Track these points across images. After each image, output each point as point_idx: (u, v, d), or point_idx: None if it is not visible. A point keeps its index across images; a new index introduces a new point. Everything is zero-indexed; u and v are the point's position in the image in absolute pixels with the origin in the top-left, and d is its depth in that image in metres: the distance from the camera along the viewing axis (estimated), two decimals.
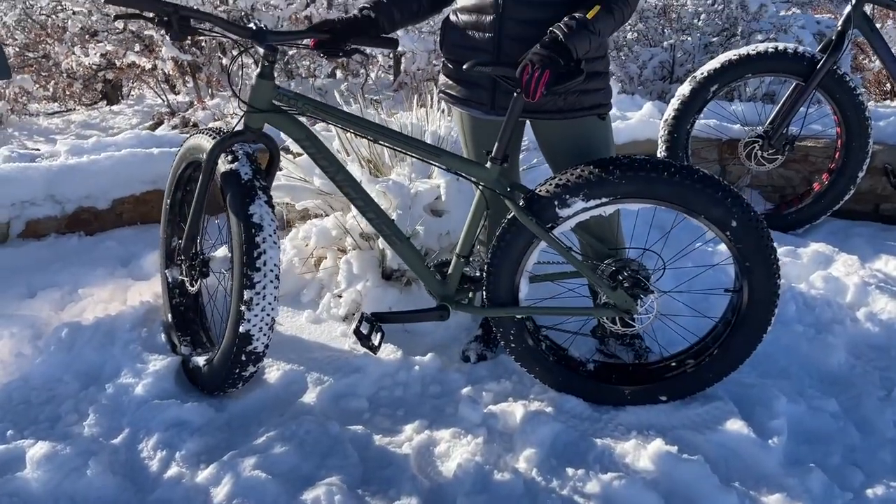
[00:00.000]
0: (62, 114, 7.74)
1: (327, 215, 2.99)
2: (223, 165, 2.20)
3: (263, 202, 2.15)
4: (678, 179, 2.02)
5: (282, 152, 3.05)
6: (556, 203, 2.09)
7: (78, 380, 2.42)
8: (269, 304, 2.15)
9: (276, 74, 2.14)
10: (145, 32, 5.90)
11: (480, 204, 2.19)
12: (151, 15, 1.97)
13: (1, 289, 2.85)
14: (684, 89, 3.43)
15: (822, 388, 2.41)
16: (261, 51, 2.07)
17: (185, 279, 2.41)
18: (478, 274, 2.36)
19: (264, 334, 2.18)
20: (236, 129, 2.18)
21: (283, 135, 2.25)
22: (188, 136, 2.51)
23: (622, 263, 2.22)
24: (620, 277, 2.17)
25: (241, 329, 2.13)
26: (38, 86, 7.02)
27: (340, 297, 2.73)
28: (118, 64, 6.07)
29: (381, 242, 2.73)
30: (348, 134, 3.13)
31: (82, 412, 2.27)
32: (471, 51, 2.18)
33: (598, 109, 2.24)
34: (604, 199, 2.07)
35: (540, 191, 2.12)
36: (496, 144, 2.10)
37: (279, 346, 2.61)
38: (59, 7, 6.65)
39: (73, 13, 6.37)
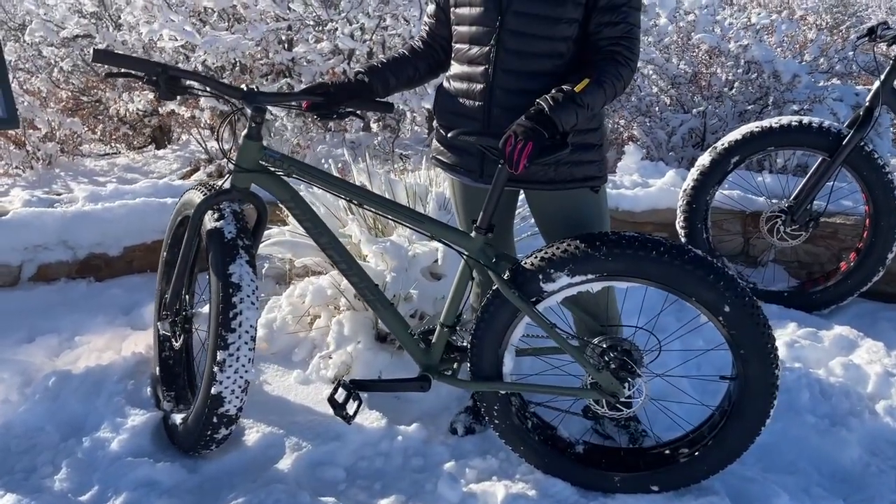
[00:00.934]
0: (110, 156, 8.01)
1: (326, 273, 2.96)
2: (209, 223, 2.19)
3: (244, 262, 2.13)
4: (667, 259, 1.92)
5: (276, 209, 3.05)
6: (540, 277, 2.01)
7: (59, 430, 2.40)
8: (243, 366, 2.10)
9: (263, 135, 2.14)
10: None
11: (465, 273, 2.13)
12: (141, 74, 1.99)
13: (3, 332, 2.88)
14: (704, 159, 3.33)
15: (830, 487, 2.23)
16: (249, 111, 2.08)
17: (169, 334, 2.39)
18: (465, 343, 2.28)
19: (237, 397, 2.13)
20: (223, 187, 2.18)
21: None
22: (185, 190, 2.53)
23: (613, 342, 2.12)
24: (607, 358, 2.07)
25: (213, 391, 2.09)
26: (87, 129, 7.27)
27: (330, 358, 2.67)
28: (160, 111, 6.26)
29: None
30: None
31: (57, 465, 2.25)
32: (461, 118, 2.14)
33: (591, 182, 2.17)
34: (589, 276, 1.99)
35: (525, 263, 2.05)
36: (481, 214, 2.04)
37: (264, 405, 2.56)
38: None
39: None
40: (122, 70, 1.99)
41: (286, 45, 5.88)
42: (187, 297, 2.39)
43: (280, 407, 2.57)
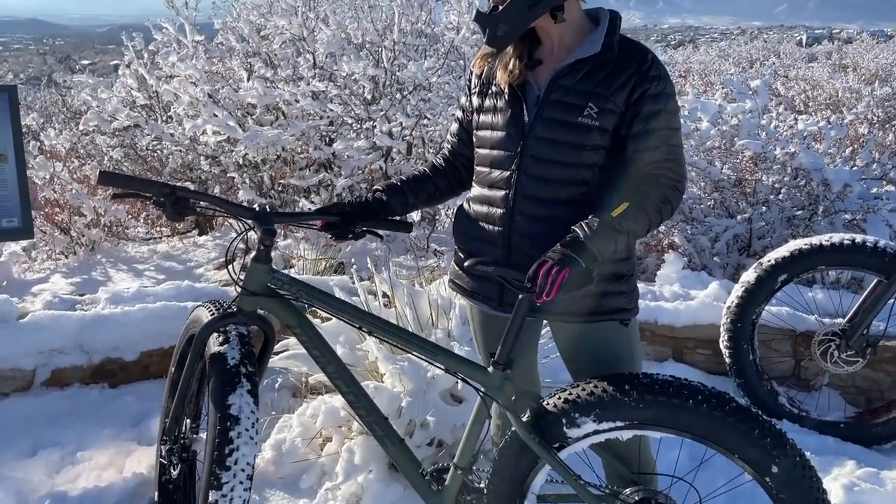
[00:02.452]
0: (153, 241, 8.12)
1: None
2: (213, 346, 2.07)
3: (246, 391, 1.98)
4: (706, 410, 1.72)
5: (308, 314, 2.94)
6: (564, 421, 1.82)
7: None
8: None
9: (272, 257, 2.04)
10: (229, 174, 6.17)
11: (481, 411, 1.95)
12: (149, 195, 1.92)
13: (6, 443, 2.77)
14: (749, 276, 3.13)
15: None
16: (257, 233, 1.98)
17: (166, 461, 2.24)
18: (482, 485, 2.07)
19: None
20: (229, 309, 2.07)
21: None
22: (195, 306, 2.43)
23: (647, 495, 1.89)
24: None
25: None
26: (130, 216, 7.40)
27: (339, 489, 2.48)
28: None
29: None
30: (376, 304, 3.00)
31: None
32: (481, 243, 2.01)
33: (621, 315, 1.99)
34: (618, 423, 1.79)
35: (548, 404, 1.86)
36: (499, 347, 1.88)
37: None
38: (159, 145, 7.10)
39: (172, 150, 6.77)
40: (130, 191, 1.92)
41: (327, 141, 5.93)
42: (188, 421, 2.25)
43: None
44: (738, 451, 1.72)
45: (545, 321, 2.19)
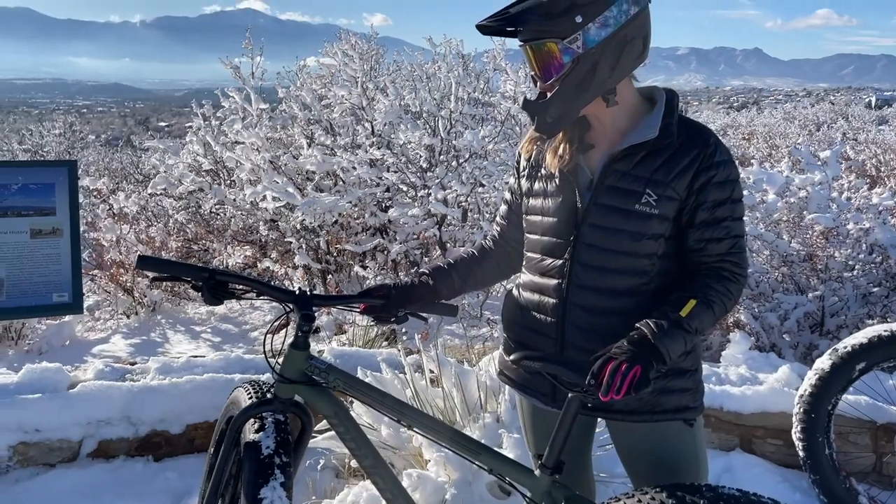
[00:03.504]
0: None
1: None
2: (249, 433, 1.99)
3: (279, 484, 1.89)
4: None
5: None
6: None
7: None
8: None
9: (310, 343, 1.97)
10: (286, 239, 6.23)
11: None
12: (188, 279, 1.89)
13: None
14: (823, 363, 2.91)
15: None
16: (296, 317, 1.92)
17: None
18: None
19: None
20: (266, 394, 2.00)
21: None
22: (237, 384, 2.37)
23: None
24: None
25: None
26: None
27: None
28: (258, 266, 6.40)
29: None
30: (422, 383, 2.90)
31: None
32: (532, 333, 1.90)
33: (685, 414, 1.84)
34: None
35: None
36: (547, 449, 1.74)
37: None
38: (222, 208, 7.26)
39: (234, 214, 6.91)
40: (169, 275, 1.89)
41: (383, 207, 5.96)
42: None
43: None
44: None
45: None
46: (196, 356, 3.65)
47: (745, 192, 4.63)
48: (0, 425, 2.96)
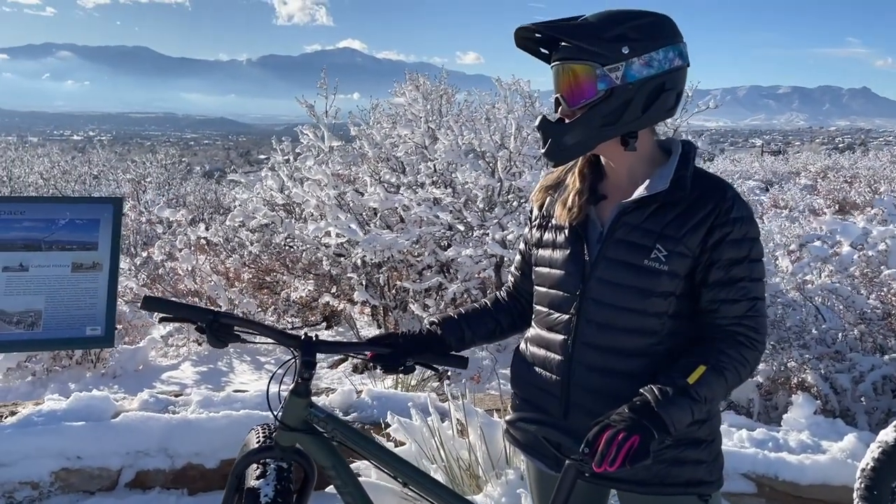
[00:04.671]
0: None
1: None
2: (250, 478, 1.98)
3: None
4: None
5: (374, 432, 2.80)
6: None
7: None
8: None
9: (312, 391, 1.94)
10: (348, 275, 6.30)
11: None
12: (192, 320, 1.90)
13: None
14: (888, 435, 2.65)
15: None
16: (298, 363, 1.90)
17: None
18: None
19: None
20: (266, 443, 1.98)
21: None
22: (252, 427, 2.36)
23: None
24: None
25: None
26: (260, 309, 7.72)
27: None
28: (318, 300, 6.49)
29: None
30: (449, 432, 2.82)
31: None
32: (538, 391, 1.80)
33: (699, 488, 1.69)
34: None
35: None
36: None
37: None
38: (292, 242, 7.44)
39: (302, 247, 7.06)
40: (175, 315, 1.90)
41: (443, 246, 5.95)
42: None
43: None
44: None
45: None
46: (238, 391, 3.69)
47: (816, 243, 4.37)
48: (44, 451, 3.06)
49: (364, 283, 5.89)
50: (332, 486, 2.70)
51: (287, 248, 7.84)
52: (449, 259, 5.92)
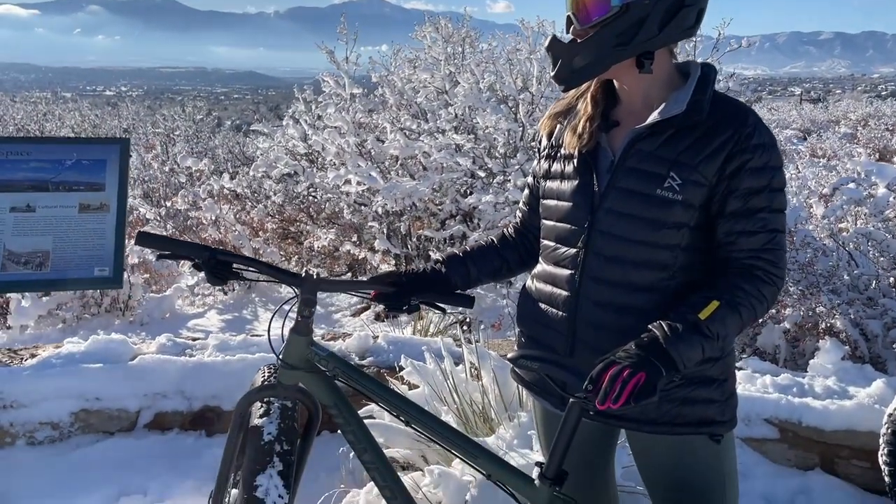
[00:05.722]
0: None
1: (418, 468, 2.59)
2: (254, 417, 1.96)
3: (276, 472, 1.83)
4: None
5: (388, 376, 2.77)
6: None
7: None
8: None
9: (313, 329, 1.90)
10: (370, 223, 6.25)
11: None
12: (189, 257, 1.85)
13: (95, 486, 2.83)
14: None
15: None
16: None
17: None
18: None
19: None
20: (268, 381, 1.95)
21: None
22: (259, 369, 2.34)
23: None
24: None
25: None
26: (284, 257, 7.74)
27: None
28: (339, 249, 6.47)
29: None
30: (462, 375, 2.78)
31: None
32: (544, 328, 1.74)
33: (710, 428, 1.63)
34: None
35: None
36: (547, 458, 1.59)
37: None
38: (315, 192, 7.40)
39: (328, 197, 7.01)
40: (171, 252, 1.86)
41: (465, 194, 5.85)
42: (233, 492, 2.13)
43: None
44: None
45: None
46: (255, 335, 3.69)
47: (850, 185, 4.19)
48: (63, 392, 3.10)
49: (385, 232, 5.84)
50: None
51: (310, 198, 7.81)
52: (471, 207, 5.84)
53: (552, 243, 1.73)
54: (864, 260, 4.07)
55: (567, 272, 1.67)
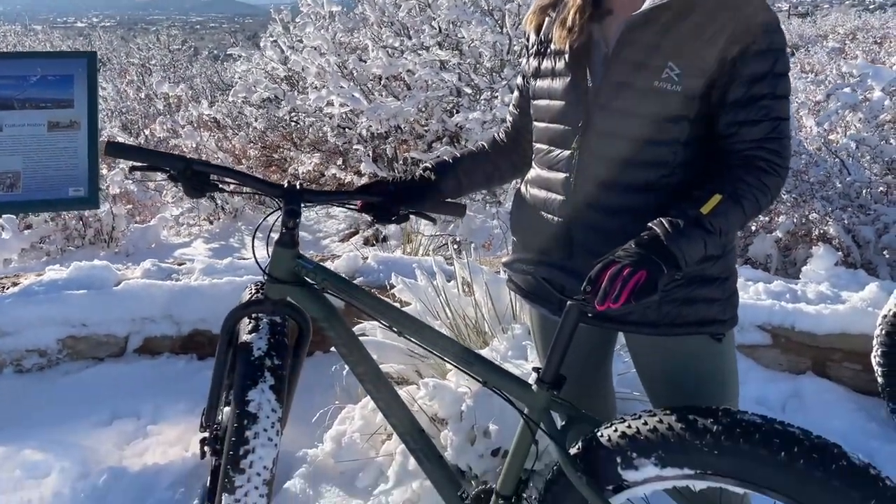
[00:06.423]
0: None
1: (412, 383, 2.58)
2: (242, 333, 1.92)
3: (268, 387, 1.80)
4: (803, 468, 1.31)
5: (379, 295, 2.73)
6: (618, 460, 1.47)
7: None
8: None
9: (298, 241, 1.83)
10: (355, 147, 6.11)
11: (524, 436, 1.63)
12: (163, 168, 1.76)
13: (87, 411, 2.81)
14: None
15: None
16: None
17: (199, 450, 2.13)
18: None
19: None
20: (255, 297, 1.90)
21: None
22: (246, 286, 2.29)
23: None
24: None
25: None
26: None
27: (391, 494, 2.27)
28: (325, 174, 6.35)
29: (447, 433, 2.25)
30: (454, 290, 2.74)
31: None
32: (538, 235, 1.68)
33: (711, 327, 1.59)
34: (686, 471, 1.42)
35: (602, 436, 1.51)
36: (545, 362, 1.55)
37: None
38: (297, 116, 7.21)
39: (307, 124, 6.85)
40: (145, 164, 1.76)
41: (450, 112, 5.71)
42: (225, 410, 2.11)
43: None
44: None
45: None
46: (242, 258, 3.63)
47: (846, 90, 4.09)
48: (48, 319, 3.05)
49: (371, 155, 5.71)
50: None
51: (293, 122, 7.63)
52: (458, 126, 5.70)
53: (545, 146, 1.65)
54: (856, 167, 4.02)
55: (562, 175, 1.60)
